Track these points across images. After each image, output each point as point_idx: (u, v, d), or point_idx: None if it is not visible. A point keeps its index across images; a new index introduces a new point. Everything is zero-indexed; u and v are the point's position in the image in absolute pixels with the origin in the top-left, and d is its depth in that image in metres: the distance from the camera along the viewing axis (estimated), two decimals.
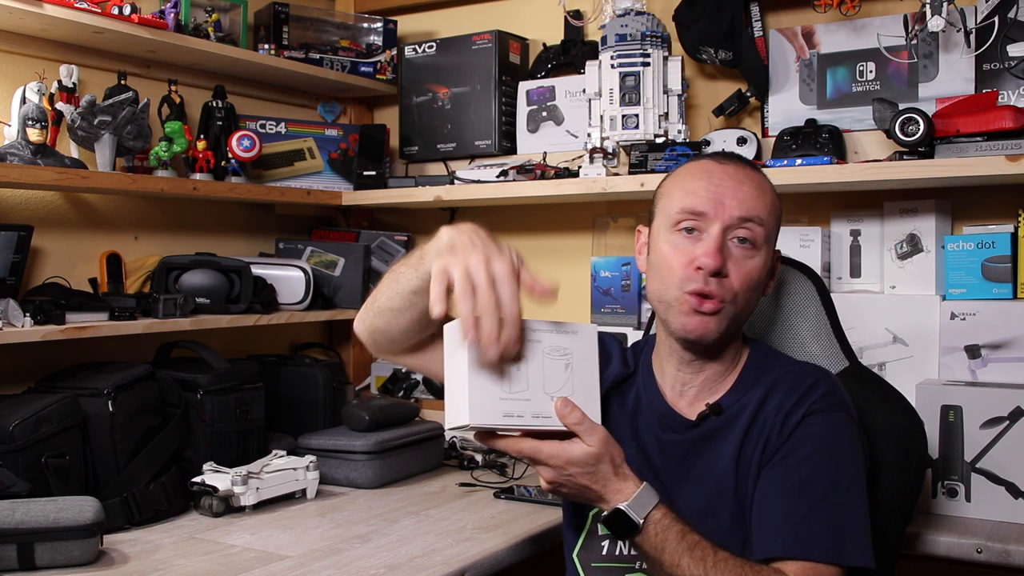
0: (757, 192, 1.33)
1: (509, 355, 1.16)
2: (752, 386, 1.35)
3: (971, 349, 1.86)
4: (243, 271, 2.18)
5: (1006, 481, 1.71)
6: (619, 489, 1.19)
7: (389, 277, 1.32)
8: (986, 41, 1.91)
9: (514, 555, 1.68)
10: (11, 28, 1.98)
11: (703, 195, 1.31)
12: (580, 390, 1.20)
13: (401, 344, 1.38)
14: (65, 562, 1.52)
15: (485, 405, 1.15)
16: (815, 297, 1.55)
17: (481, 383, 1.15)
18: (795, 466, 1.26)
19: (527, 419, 1.17)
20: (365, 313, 1.38)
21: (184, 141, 2.21)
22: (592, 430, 1.18)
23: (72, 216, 2.15)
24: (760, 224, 1.31)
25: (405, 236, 2.69)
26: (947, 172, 1.83)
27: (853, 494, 1.26)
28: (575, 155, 2.33)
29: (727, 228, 1.30)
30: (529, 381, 1.17)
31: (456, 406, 1.16)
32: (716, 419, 1.34)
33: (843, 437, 1.29)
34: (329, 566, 1.56)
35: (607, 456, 1.18)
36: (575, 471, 1.18)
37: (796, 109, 2.20)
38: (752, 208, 1.31)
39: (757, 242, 1.31)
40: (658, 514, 1.19)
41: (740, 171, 1.35)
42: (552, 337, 1.20)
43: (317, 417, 2.32)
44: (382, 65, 2.63)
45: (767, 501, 1.27)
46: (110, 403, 1.79)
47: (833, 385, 1.34)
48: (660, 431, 1.38)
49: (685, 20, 2.19)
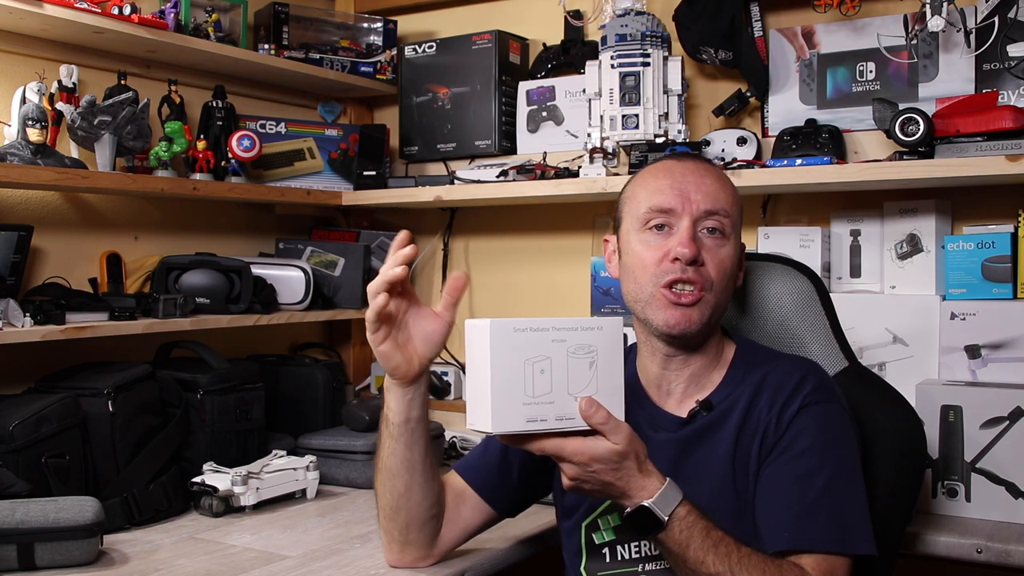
0: (719, 185, 1.38)
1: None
2: (741, 381, 1.37)
3: (971, 349, 1.86)
4: (243, 271, 2.18)
5: (1006, 481, 1.71)
6: (643, 486, 1.18)
7: (380, 476, 1.41)
8: (986, 41, 1.91)
9: (514, 555, 1.68)
10: (11, 28, 1.98)
11: (668, 192, 1.35)
12: (604, 388, 1.19)
13: (429, 520, 1.44)
14: (65, 562, 1.52)
15: (508, 412, 1.13)
16: (814, 297, 1.55)
17: (504, 389, 1.13)
18: (795, 458, 1.28)
19: (551, 422, 1.16)
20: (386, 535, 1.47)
21: (184, 141, 2.21)
22: (617, 428, 1.17)
23: (72, 216, 2.15)
24: (726, 215, 1.35)
25: None
26: (947, 172, 1.83)
27: (853, 482, 1.28)
28: (575, 155, 2.33)
29: (696, 220, 1.34)
30: (553, 383, 1.16)
31: (479, 410, 1.16)
32: (707, 416, 1.36)
33: (838, 427, 1.31)
34: (329, 566, 1.56)
35: (632, 453, 1.18)
36: (599, 468, 1.17)
37: (796, 109, 2.20)
38: (716, 200, 1.35)
39: (726, 231, 1.35)
40: (683, 511, 1.19)
41: (700, 167, 1.40)
42: (576, 335, 1.18)
43: (317, 417, 2.32)
44: (382, 65, 2.63)
45: (771, 495, 1.28)
46: (110, 403, 1.79)
47: (822, 377, 1.37)
48: (651, 432, 1.38)
49: (685, 20, 2.18)
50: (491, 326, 1.14)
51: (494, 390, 1.13)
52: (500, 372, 1.13)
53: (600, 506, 1.40)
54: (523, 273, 2.58)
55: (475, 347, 1.18)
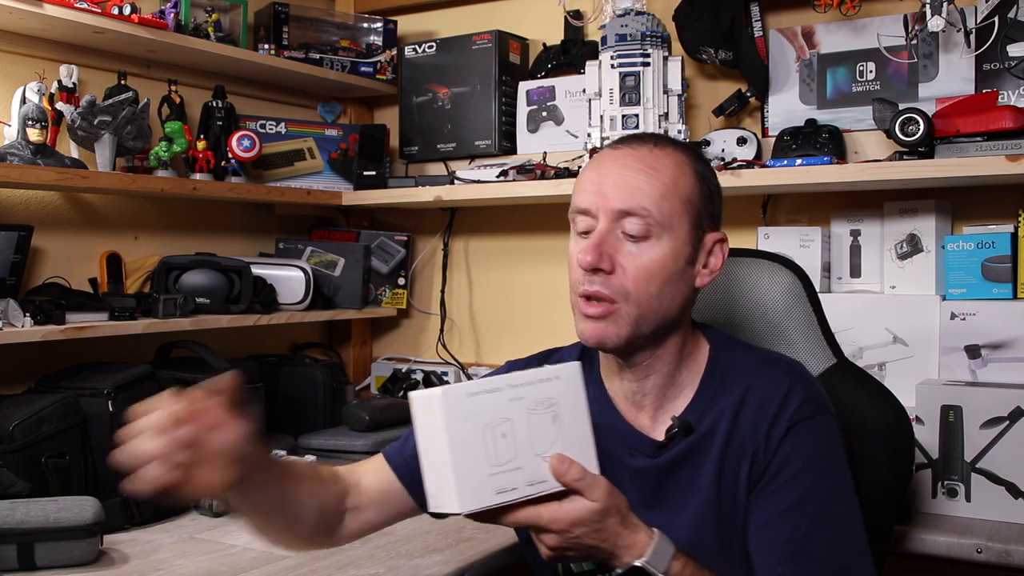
0: (645, 177, 1.19)
1: None
2: (719, 393, 1.24)
3: (971, 349, 1.86)
4: (243, 271, 2.18)
5: (1006, 481, 1.71)
6: (631, 544, 1.08)
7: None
8: (986, 41, 1.91)
9: (514, 555, 1.68)
10: (11, 28, 1.98)
11: (589, 189, 1.21)
12: (572, 440, 1.08)
13: (324, 527, 1.28)
14: (65, 562, 1.52)
15: (474, 487, 1.02)
16: (801, 294, 1.50)
17: (467, 464, 1.02)
18: (786, 485, 1.18)
19: (522, 490, 1.05)
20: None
21: (184, 141, 2.21)
22: (595, 483, 1.07)
23: (72, 216, 2.15)
24: (646, 213, 1.17)
25: (405, 236, 2.69)
26: (947, 172, 1.83)
27: (847, 501, 1.20)
28: (575, 155, 2.33)
29: (613, 222, 1.19)
30: (517, 447, 1.05)
31: (441, 491, 1.04)
32: (686, 439, 1.23)
33: (829, 443, 1.22)
34: (329, 566, 1.56)
35: (613, 509, 1.08)
36: (580, 532, 1.06)
37: (796, 109, 2.20)
38: (634, 198, 1.18)
39: (650, 233, 1.18)
40: (678, 565, 1.10)
41: (629, 155, 1.22)
42: (533, 390, 1.07)
43: (317, 417, 2.32)
44: (382, 65, 2.63)
45: (765, 526, 1.19)
46: (110, 403, 1.79)
47: (808, 386, 1.24)
48: (628, 457, 1.26)
49: (685, 20, 2.19)
50: (442, 397, 1.02)
51: (456, 466, 1.01)
52: (459, 445, 1.01)
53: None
54: (523, 273, 2.58)
55: (426, 421, 1.05)
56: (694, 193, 1.22)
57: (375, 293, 2.65)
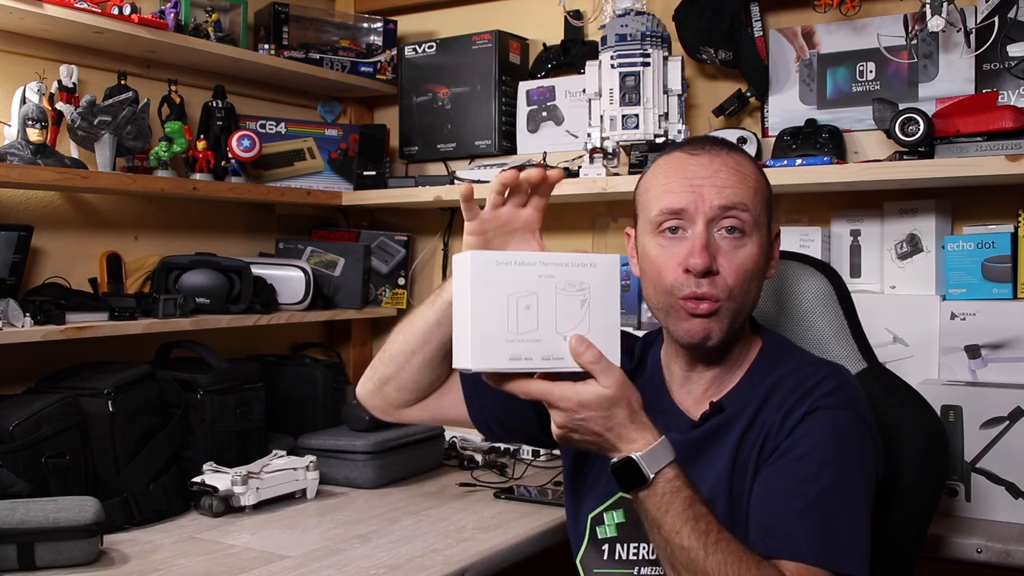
0: (736, 177, 1.26)
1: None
2: (759, 382, 1.30)
3: (971, 349, 1.86)
4: (243, 271, 2.18)
5: (1006, 481, 1.71)
6: (634, 438, 1.11)
7: (402, 324, 1.40)
8: (986, 41, 1.91)
9: (514, 555, 1.68)
10: (11, 28, 1.98)
11: (679, 191, 1.26)
12: (597, 328, 1.11)
13: (410, 391, 1.42)
14: (65, 562, 1.52)
15: (489, 348, 1.07)
16: (833, 296, 1.50)
17: (486, 324, 1.07)
18: (794, 462, 1.20)
19: (536, 361, 1.09)
20: (371, 370, 1.45)
21: (184, 141, 2.21)
22: (608, 371, 1.09)
23: (72, 216, 2.15)
24: (744, 210, 1.25)
25: (405, 236, 2.69)
26: (947, 172, 1.83)
27: (852, 499, 1.19)
28: (575, 155, 2.33)
29: (711, 221, 1.25)
30: (539, 321, 1.09)
31: (462, 347, 1.10)
32: (718, 418, 1.29)
33: (848, 437, 1.22)
34: (329, 566, 1.56)
35: (623, 400, 1.10)
36: (588, 415, 1.10)
37: (796, 109, 2.20)
38: (733, 195, 1.25)
39: (746, 229, 1.26)
40: (671, 472, 1.12)
41: (715, 158, 1.28)
42: (566, 271, 1.10)
43: (317, 417, 2.32)
44: (382, 65, 2.63)
45: (764, 496, 1.22)
46: (110, 403, 1.79)
47: (844, 381, 1.27)
48: (664, 430, 1.31)
49: (685, 20, 2.19)
50: (472, 258, 1.08)
51: (474, 325, 1.07)
52: (481, 306, 1.07)
53: (608, 500, 1.36)
54: None
55: (458, 282, 1.11)
56: (768, 191, 1.32)
57: (375, 293, 2.65)
